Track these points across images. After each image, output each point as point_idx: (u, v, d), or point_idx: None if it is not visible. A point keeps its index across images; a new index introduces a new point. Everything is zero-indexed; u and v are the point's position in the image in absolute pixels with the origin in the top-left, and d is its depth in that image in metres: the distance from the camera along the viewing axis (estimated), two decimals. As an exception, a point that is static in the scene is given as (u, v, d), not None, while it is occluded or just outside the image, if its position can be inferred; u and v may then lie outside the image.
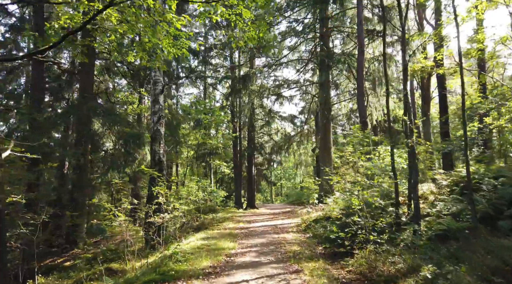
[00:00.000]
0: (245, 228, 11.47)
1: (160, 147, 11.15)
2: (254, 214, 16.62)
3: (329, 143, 17.28)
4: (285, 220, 13.26)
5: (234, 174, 27.10)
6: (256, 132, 27.70)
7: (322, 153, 17.23)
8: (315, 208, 14.63)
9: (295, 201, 34.32)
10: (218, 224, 12.59)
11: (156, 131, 11.14)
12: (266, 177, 34.33)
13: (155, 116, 11.19)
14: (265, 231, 10.88)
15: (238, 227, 11.82)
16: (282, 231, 10.74)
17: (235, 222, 13.03)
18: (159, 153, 11.10)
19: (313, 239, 9.49)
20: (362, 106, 14.36)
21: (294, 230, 10.93)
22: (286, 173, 47.23)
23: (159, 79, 11.29)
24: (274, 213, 16.71)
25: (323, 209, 14.07)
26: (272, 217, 14.49)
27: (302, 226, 11.37)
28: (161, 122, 11.24)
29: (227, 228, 11.64)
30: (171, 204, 10.95)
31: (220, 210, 17.79)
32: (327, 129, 17.24)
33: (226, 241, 8.84)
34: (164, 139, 20.82)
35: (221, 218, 14.03)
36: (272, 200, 42.45)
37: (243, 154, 26.90)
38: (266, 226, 11.83)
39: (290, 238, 9.50)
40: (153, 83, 11.29)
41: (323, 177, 16.26)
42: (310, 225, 11.09)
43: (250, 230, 10.96)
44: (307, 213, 13.78)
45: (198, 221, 13.18)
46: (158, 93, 11.24)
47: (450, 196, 8.98)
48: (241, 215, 16.19)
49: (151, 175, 10.48)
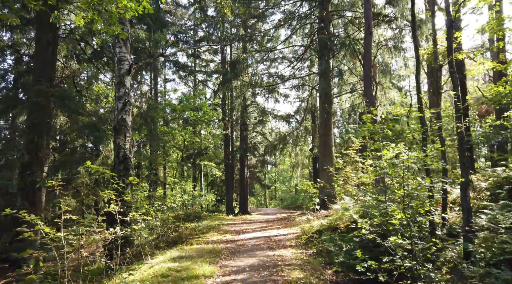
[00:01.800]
0: (233, 241, 9.08)
1: (126, 141, 8.77)
2: (246, 221, 14.23)
3: (330, 140, 15.02)
4: (281, 230, 10.91)
5: (225, 177, 24.70)
6: (249, 132, 25.38)
7: (322, 152, 14.95)
8: (316, 214, 12.31)
9: (291, 205, 31.95)
10: (201, 235, 10.19)
11: (120, 121, 8.75)
12: (260, 179, 31.95)
13: (120, 102, 8.82)
14: (257, 245, 8.51)
15: (224, 239, 9.43)
16: (278, 246, 8.38)
17: (221, 233, 10.64)
18: (125, 147, 8.72)
19: (318, 257, 7.17)
20: (370, 96, 12.11)
21: (293, 244, 8.59)
22: (280, 176, 44.89)
23: (125, 57, 8.92)
24: (268, 220, 14.35)
25: (325, 216, 11.76)
26: (266, 226, 12.12)
27: (302, 239, 9.04)
28: (127, 110, 8.86)
29: (210, 241, 9.24)
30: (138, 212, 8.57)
31: (207, 216, 15.37)
32: (328, 125, 14.98)
33: (203, 263, 6.45)
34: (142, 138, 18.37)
35: (205, 227, 11.63)
36: (266, 204, 40.04)
37: (235, 155, 24.53)
38: (259, 238, 9.46)
39: (289, 257, 7.16)
40: (118, 62, 8.92)
41: (325, 178, 14.01)
42: (313, 237, 8.77)
43: (238, 244, 8.58)
44: (307, 221, 11.45)
45: (176, 231, 10.77)
46: (124, 74, 8.88)
47: (500, 202, 6.71)
48: (230, 222, 13.79)
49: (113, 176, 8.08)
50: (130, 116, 8.90)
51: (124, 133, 8.72)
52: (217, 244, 8.76)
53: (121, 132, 8.70)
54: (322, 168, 14.80)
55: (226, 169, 23.94)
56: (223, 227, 11.92)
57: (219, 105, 24.64)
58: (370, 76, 12.15)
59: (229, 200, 23.38)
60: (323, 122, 15.06)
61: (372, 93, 12.19)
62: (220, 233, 10.52)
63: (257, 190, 38.18)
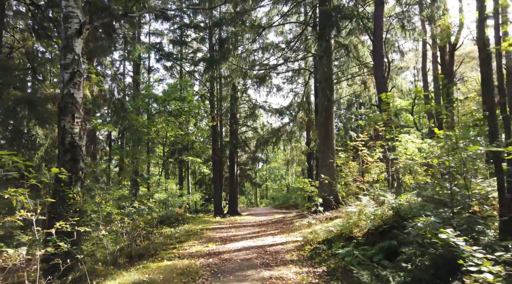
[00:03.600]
0: (216, 254, 6.90)
1: (75, 123, 6.49)
2: (234, 225, 12.04)
3: (331, 131, 12.96)
4: (277, 236, 8.77)
5: (213, 174, 22.45)
6: (239, 126, 23.17)
7: (322, 144, 12.88)
8: (317, 217, 10.22)
9: (283, 205, 29.87)
10: (177, 245, 7.97)
11: (66, 97, 6.47)
12: (251, 177, 29.79)
13: (66, 72, 6.52)
14: (248, 260, 6.36)
15: (205, 251, 7.24)
16: (276, 261, 6.24)
17: (203, 241, 8.43)
18: (72, 132, 6.44)
19: (333, 280, 5.06)
20: (380, 77, 10.10)
21: (294, 258, 6.47)
22: (272, 174, 42.81)
23: (74, 13, 6.62)
24: (260, 223, 12.20)
25: (330, 219, 9.69)
26: (259, 231, 9.96)
27: (305, 250, 6.93)
28: (76, 83, 6.57)
29: (187, 254, 7.04)
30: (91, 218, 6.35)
31: (190, 219, 13.14)
32: (328, 114, 12.92)
33: (168, 297, 4.26)
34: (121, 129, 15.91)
35: (185, 233, 9.41)
36: (257, 203, 37.91)
37: (224, 151, 22.31)
38: (250, 250, 7.30)
39: (292, 281, 5.03)
40: (64, 19, 6.62)
41: (325, 174, 11.94)
42: (320, 249, 6.65)
43: (223, 260, 6.40)
44: (308, 225, 9.35)
45: (148, 239, 8.52)
46: (73, 35, 6.58)
47: None
48: (216, 226, 11.59)
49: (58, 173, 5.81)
50: (80, 92, 6.62)
51: (72, 114, 6.44)
52: (196, 258, 6.56)
53: (68, 112, 6.42)
54: (322, 163, 12.75)
55: (214, 166, 21.71)
56: (207, 233, 9.72)
57: (207, 97, 22.36)
58: (381, 53, 10.13)
59: (217, 199, 21.15)
60: (323, 111, 12.99)
61: (383, 73, 10.16)
62: (202, 242, 8.31)
63: (248, 188, 36.04)
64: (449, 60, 14.03)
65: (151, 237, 8.79)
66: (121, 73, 27.16)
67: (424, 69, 16.18)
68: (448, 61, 14.01)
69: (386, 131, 8.44)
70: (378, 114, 8.65)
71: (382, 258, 5.18)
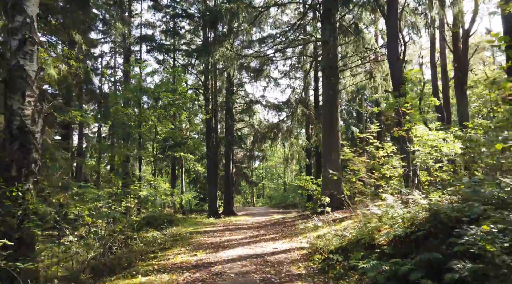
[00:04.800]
0: (205, 267, 5.51)
1: (26, 103, 5.07)
2: (229, 227, 10.66)
3: (336, 123, 11.63)
4: (278, 242, 7.41)
5: (208, 172, 21.04)
6: (234, 121, 21.79)
7: (327, 138, 11.55)
8: (323, 218, 8.87)
9: (280, 204, 28.48)
10: (160, 253, 6.58)
11: (15, 70, 5.05)
12: (247, 176, 28.42)
13: (15, 38, 5.11)
14: (245, 276, 4.99)
15: (192, 262, 5.85)
16: (280, 276, 4.89)
17: (191, 249, 7.04)
18: (22, 114, 5.02)
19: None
20: (395, 59, 8.78)
21: (302, 272, 5.12)
22: (268, 173, 41.45)
23: (26, -36, 5.20)
24: (258, 225, 10.83)
25: (339, 220, 8.35)
26: (257, 235, 8.59)
27: (315, 261, 5.59)
28: (28, 52, 5.16)
29: (170, 266, 5.64)
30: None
31: (181, 220, 11.76)
32: (333, 104, 11.59)
33: None
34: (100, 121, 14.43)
35: (171, 238, 8.02)
36: (254, 202, 36.52)
37: (219, 147, 20.91)
38: (247, 260, 5.93)
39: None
40: (13, -28, 5.19)
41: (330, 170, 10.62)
42: (333, 260, 5.29)
43: (213, 275, 5.02)
44: (314, 228, 8.00)
45: (127, 246, 7.11)
46: (24, -8, 5.16)
47: None
48: (208, 229, 10.19)
49: None
50: (34, 64, 5.20)
51: (22, 91, 5.03)
52: (179, 272, 5.17)
53: (16, 89, 5.01)
54: (326, 158, 11.41)
55: (209, 164, 20.28)
56: (197, 238, 8.32)
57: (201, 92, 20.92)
58: (396, 32, 8.80)
59: (212, 199, 19.73)
60: (327, 102, 11.66)
61: (398, 55, 8.83)
62: (190, 249, 6.91)
63: (244, 187, 34.67)
64: (462, 47, 12.77)
65: (131, 242, 7.38)
66: (111, 66, 25.74)
67: (433, 60, 14.91)
68: (462, 49, 12.74)
69: (408, 118, 7.14)
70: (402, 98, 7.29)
71: (423, 276, 3.85)
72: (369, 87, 14.23)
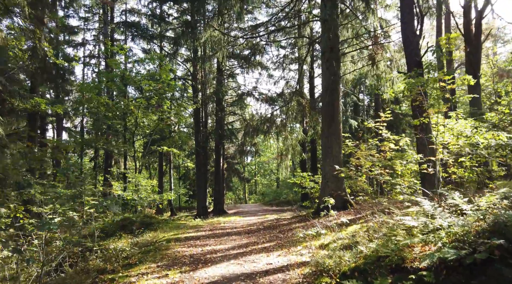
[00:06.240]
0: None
1: None
2: (216, 231, 9.13)
3: (337, 113, 10.16)
4: (273, 254, 5.92)
5: (197, 169, 19.45)
6: (225, 114, 20.21)
7: (326, 129, 10.07)
8: (324, 221, 7.42)
9: (273, 201, 27.03)
10: (120, 273, 5.02)
11: None
12: (239, 172, 26.90)
13: None
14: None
15: (160, 288, 4.32)
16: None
17: (164, 265, 5.50)
18: None
19: None
20: (410, 35, 7.32)
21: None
22: (261, 169, 39.99)
23: None
24: (250, 228, 9.32)
25: (345, 225, 6.88)
26: (247, 243, 7.07)
27: (323, 286, 4.10)
28: None
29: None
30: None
31: (161, 222, 10.20)
32: (334, 92, 10.11)
33: None
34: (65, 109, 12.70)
35: (142, 249, 6.46)
36: (246, 199, 35.06)
37: (208, 141, 19.33)
38: (233, 282, 4.43)
39: None
40: None
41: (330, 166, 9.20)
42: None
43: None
44: (316, 236, 6.53)
45: (85, 260, 5.54)
46: None
47: None
48: (191, 234, 8.64)
49: None
50: None
51: None
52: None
53: None
54: (326, 152, 9.95)
55: (198, 159, 18.69)
56: (175, 247, 6.76)
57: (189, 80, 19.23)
58: (411, 2, 7.33)
59: (201, 197, 18.18)
60: (327, 89, 10.17)
61: (414, 30, 7.36)
62: (162, 266, 5.37)
63: (236, 183, 33.17)
64: (475, 30, 11.39)
65: (90, 256, 5.81)
66: (94, 56, 23.83)
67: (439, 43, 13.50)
68: (474, 32, 11.36)
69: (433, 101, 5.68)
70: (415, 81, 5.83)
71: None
72: (371, 75, 12.79)
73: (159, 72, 13.24)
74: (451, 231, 3.44)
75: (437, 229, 3.58)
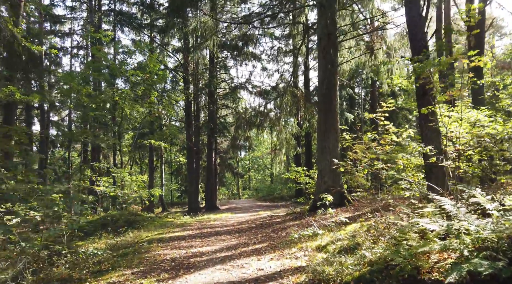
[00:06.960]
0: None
1: None
2: (204, 230, 8.45)
3: (334, 105, 9.49)
4: (265, 257, 5.26)
5: (188, 164, 18.71)
6: (217, 107, 19.45)
7: (323, 122, 9.40)
8: (322, 220, 6.79)
9: (267, 197, 26.41)
10: (88, 282, 4.30)
11: None
12: (232, 167, 26.20)
13: None
14: None
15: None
16: None
17: (141, 271, 4.81)
18: None
19: None
20: (416, 17, 6.67)
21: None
22: (255, 163, 39.35)
23: None
24: (241, 227, 8.67)
25: (344, 224, 6.24)
26: (237, 245, 6.40)
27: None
28: None
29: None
30: None
31: (146, 220, 9.49)
32: (331, 82, 9.43)
33: None
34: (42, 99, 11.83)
35: (119, 251, 5.75)
36: (239, 194, 34.43)
37: (200, 135, 18.59)
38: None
39: None
40: None
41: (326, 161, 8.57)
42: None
43: None
44: (313, 236, 5.89)
45: (53, 265, 4.82)
46: None
47: None
48: (177, 233, 7.95)
49: None
50: None
51: None
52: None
53: None
54: (322, 146, 9.28)
55: (189, 154, 17.95)
56: (157, 249, 6.07)
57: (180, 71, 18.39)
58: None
59: (193, 193, 17.47)
60: (324, 79, 9.48)
61: (420, 11, 6.71)
62: (137, 274, 4.68)
63: (229, 179, 32.51)
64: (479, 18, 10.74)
65: (57, 261, 5.08)
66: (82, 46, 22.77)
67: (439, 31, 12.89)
68: (478, 20, 10.71)
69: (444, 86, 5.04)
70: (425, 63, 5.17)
71: None
72: (369, 66, 12.14)
73: (146, 61, 12.43)
74: (479, 236, 2.80)
75: (460, 233, 2.93)
